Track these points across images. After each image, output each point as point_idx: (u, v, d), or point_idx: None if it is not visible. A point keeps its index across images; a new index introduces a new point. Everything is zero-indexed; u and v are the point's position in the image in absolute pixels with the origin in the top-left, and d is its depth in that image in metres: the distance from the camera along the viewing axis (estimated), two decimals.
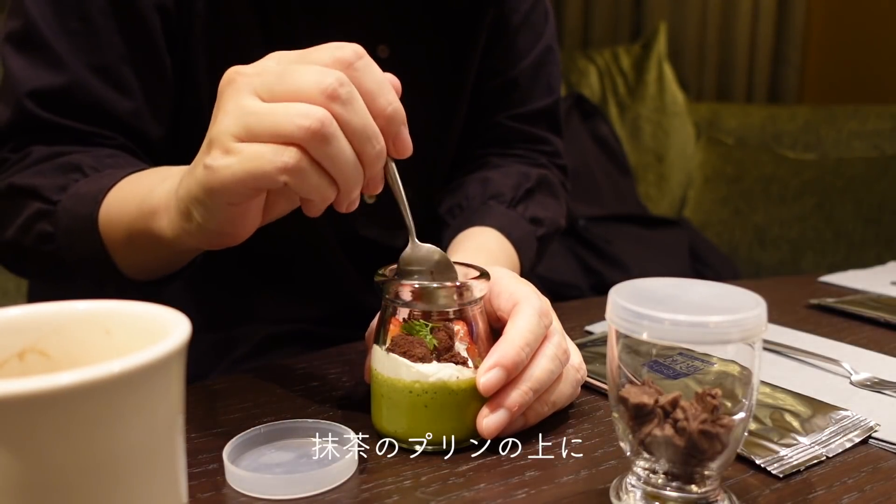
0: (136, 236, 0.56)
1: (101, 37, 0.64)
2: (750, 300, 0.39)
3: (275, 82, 0.43)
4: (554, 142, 0.89)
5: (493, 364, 0.47)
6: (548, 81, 0.87)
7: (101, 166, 0.62)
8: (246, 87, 0.44)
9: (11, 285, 1.30)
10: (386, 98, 0.44)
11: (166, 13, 0.67)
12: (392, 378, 0.48)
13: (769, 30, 2.23)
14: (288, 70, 0.43)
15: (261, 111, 0.42)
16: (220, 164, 0.43)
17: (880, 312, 0.76)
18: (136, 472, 0.27)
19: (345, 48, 0.44)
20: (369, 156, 0.44)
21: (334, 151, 0.42)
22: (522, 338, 0.48)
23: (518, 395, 0.47)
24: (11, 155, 0.65)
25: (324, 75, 0.42)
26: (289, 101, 0.42)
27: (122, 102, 0.66)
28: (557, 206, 0.86)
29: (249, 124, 0.42)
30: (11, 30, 0.65)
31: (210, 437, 0.49)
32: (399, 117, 0.45)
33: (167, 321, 0.31)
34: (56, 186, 0.61)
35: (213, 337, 0.77)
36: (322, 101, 0.42)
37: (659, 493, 0.40)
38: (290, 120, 0.41)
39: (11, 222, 0.63)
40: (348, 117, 0.42)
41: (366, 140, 0.43)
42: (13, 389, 0.24)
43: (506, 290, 0.52)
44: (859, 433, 0.50)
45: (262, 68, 0.44)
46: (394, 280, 0.48)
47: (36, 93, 0.63)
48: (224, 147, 0.43)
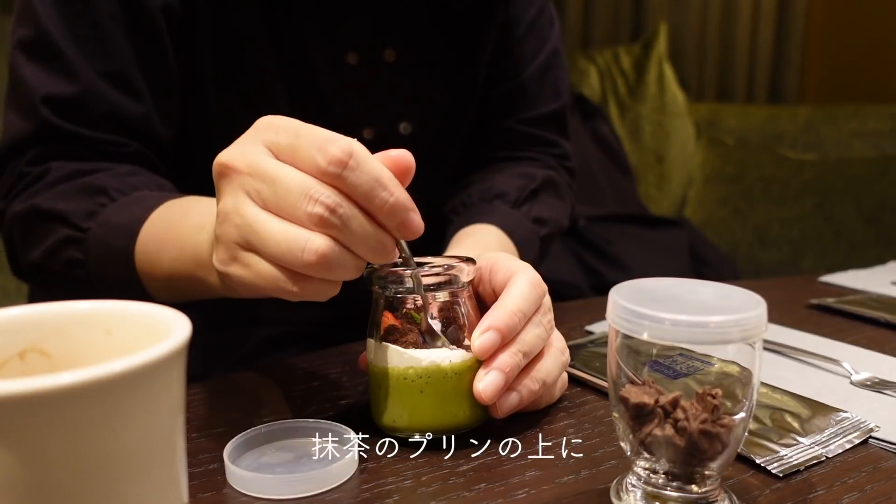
0: (180, 280, 0.56)
1: (111, 42, 0.65)
2: (750, 300, 0.39)
3: (268, 195, 0.41)
4: (563, 144, 0.90)
5: (487, 327, 0.47)
6: (555, 85, 0.87)
7: (126, 188, 0.62)
8: (241, 189, 0.42)
9: (12, 285, 1.30)
10: (383, 196, 0.41)
11: (173, 14, 0.67)
12: (386, 367, 0.48)
13: (769, 30, 2.23)
14: (279, 181, 0.41)
15: (260, 229, 0.41)
16: (233, 273, 0.44)
17: (880, 312, 0.76)
18: (136, 472, 0.27)
19: (333, 146, 0.40)
20: (373, 257, 0.43)
21: (338, 268, 0.42)
22: (515, 304, 0.49)
23: (508, 356, 0.48)
24: (31, 169, 0.65)
25: (312, 202, 0.40)
26: (284, 220, 0.41)
27: (134, 107, 0.66)
28: (562, 206, 0.86)
29: (252, 241, 0.42)
30: (22, 37, 0.65)
31: (210, 437, 0.49)
32: (401, 208, 0.42)
33: (168, 321, 0.31)
34: (84, 212, 0.61)
35: (213, 337, 0.77)
36: (316, 229, 0.41)
37: (659, 493, 0.40)
38: (290, 251, 0.40)
39: (37, 245, 0.64)
40: (344, 238, 0.41)
41: (367, 249, 0.42)
42: (14, 389, 0.24)
43: (504, 267, 0.52)
44: (859, 434, 0.50)
45: (253, 164, 0.42)
46: (381, 269, 0.48)
47: (50, 100, 0.63)
48: (232, 255, 0.43)
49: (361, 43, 0.75)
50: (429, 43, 0.78)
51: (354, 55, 0.75)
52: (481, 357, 0.48)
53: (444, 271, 0.48)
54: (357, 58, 0.75)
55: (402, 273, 0.48)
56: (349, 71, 0.75)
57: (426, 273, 0.48)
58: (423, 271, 0.48)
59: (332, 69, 0.74)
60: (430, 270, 0.48)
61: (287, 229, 0.41)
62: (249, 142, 0.43)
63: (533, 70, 0.85)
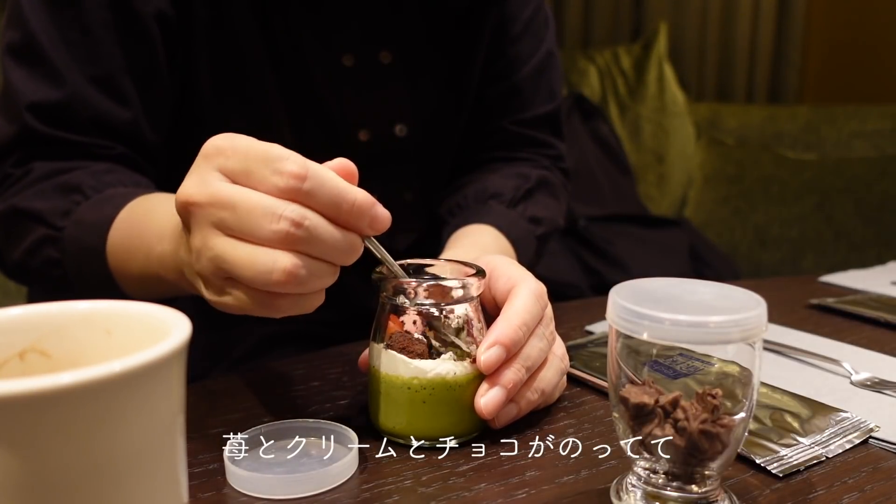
0: (152, 281, 0.56)
1: (100, 48, 0.65)
2: (750, 300, 0.39)
3: (232, 221, 0.41)
4: (557, 145, 0.90)
5: (493, 342, 0.47)
6: (550, 87, 0.88)
7: (101, 185, 0.62)
8: (205, 222, 0.42)
9: (12, 285, 1.30)
10: (349, 199, 0.41)
11: (167, 21, 0.67)
12: (391, 374, 0.48)
13: (769, 30, 2.23)
14: (239, 205, 0.41)
15: (229, 259, 0.41)
16: (226, 304, 0.44)
17: (880, 312, 0.76)
18: (136, 472, 0.27)
19: (288, 164, 0.41)
20: (345, 260, 0.43)
21: (311, 279, 0.42)
22: (520, 317, 0.49)
23: (511, 373, 0.48)
24: (14, 170, 0.65)
25: (276, 220, 0.40)
26: (251, 244, 0.41)
27: (121, 113, 0.66)
28: (557, 206, 0.86)
29: (227, 271, 0.42)
30: (11, 41, 0.65)
31: (210, 437, 0.49)
32: (367, 206, 0.42)
33: (167, 321, 0.31)
34: (59, 211, 0.61)
35: (213, 337, 0.77)
36: (282, 247, 0.41)
37: (659, 493, 0.40)
38: (259, 274, 0.41)
39: (17, 245, 0.65)
40: (313, 248, 0.41)
41: (338, 254, 0.42)
42: (14, 389, 0.24)
43: (503, 274, 0.52)
44: (859, 435, 0.50)
45: (211, 194, 0.42)
46: (391, 277, 0.48)
47: (35, 106, 0.64)
48: (217, 287, 0.44)
49: (358, 45, 0.75)
50: (424, 45, 0.78)
51: (351, 57, 0.75)
52: (486, 372, 0.48)
53: (457, 286, 0.48)
54: (353, 60, 0.75)
55: (412, 283, 0.48)
56: (345, 73, 0.75)
57: (436, 286, 0.48)
58: (433, 284, 0.48)
59: (328, 71, 0.74)
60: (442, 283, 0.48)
61: (253, 253, 0.41)
62: (202, 171, 0.43)
63: (528, 71, 0.85)
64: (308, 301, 0.44)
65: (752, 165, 1.85)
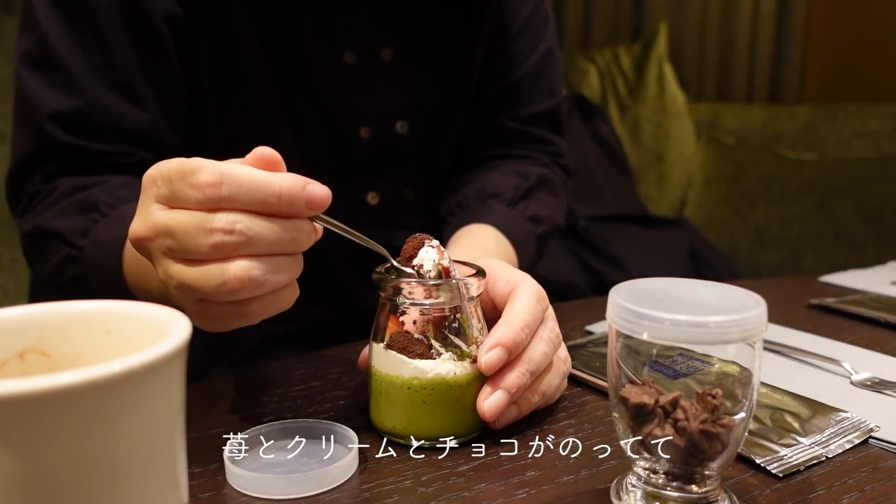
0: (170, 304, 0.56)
1: (115, 52, 0.65)
2: (750, 300, 0.39)
3: (175, 247, 0.41)
4: (557, 142, 0.90)
5: (495, 343, 0.47)
6: (549, 84, 0.88)
7: (116, 201, 0.62)
8: (158, 253, 0.43)
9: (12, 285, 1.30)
10: (272, 190, 0.41)
11: (176, 21, 0.67)
12: (391, 374, 0.48)
13: (769, 30, 2.23)
14: (174, 229, 0.41)
15: (187, 282, 0.42)
16: (214, 328, 0.44)
17: (880, 312, 0.76)
18: (136, 472, 0.27)
19: (200, 175, 0.40)
20: (297, 247, 0.43)
21: (270, 277, 0.41)
22: (522, 319, 0.49)
23: (515, 377, 0.48)
24: (42, 187, 0.66)
25: (208, 234, 0.40)
26: (199, 263, 0.41)
27: (140, 115, 0.67)
28: (557, 204, 0.86)
29: (188, 293, 0.42)
30: (26, 50, 0.65)
31: (210, 437, 0.49)
32: (296, 190, 0.41)
33: (167, 321, 0.31)
34: (78, 230, 0.62)
35: (213, 337, 0.77)
36: (226, 256, 0.41)
37: (659, 493, 0.40)
38: (216, 290, 0.41)
39: (46, 262, 0.66)
40: (258, 247, 0.41)
41: (287, 245, 0.42)
42: (14, 389, 0.24)
43: (503, 277, 0.52)
44: (859, 435, 0.50)
45: (151, 225, 0.42)
46: (392, 277, 0.48)
47: (56, 116, 0.64)
48: (199, 313, 0.44)
49: (359, 42, 0.75)
50: (425, 41, 0.78)
51: (352, 54, 0.75)
52: (488, 374, 0.48)
53: (457, 287, 0.48)
54: (354, 57, 0.75)
55: (413, 283, 0.48)
56: (347, 70, 0.75)
57: (436, 286, 0.48)
58: (433, 283, 0.48)
59: (329, 68, 0.74)
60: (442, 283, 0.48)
61: (204, 271, 0.41)
62: (143, 205, 0.43)
63: (527, 68, 0.85)
64: (281, 298, 0.43)
65: (752, 165, 1.85)
